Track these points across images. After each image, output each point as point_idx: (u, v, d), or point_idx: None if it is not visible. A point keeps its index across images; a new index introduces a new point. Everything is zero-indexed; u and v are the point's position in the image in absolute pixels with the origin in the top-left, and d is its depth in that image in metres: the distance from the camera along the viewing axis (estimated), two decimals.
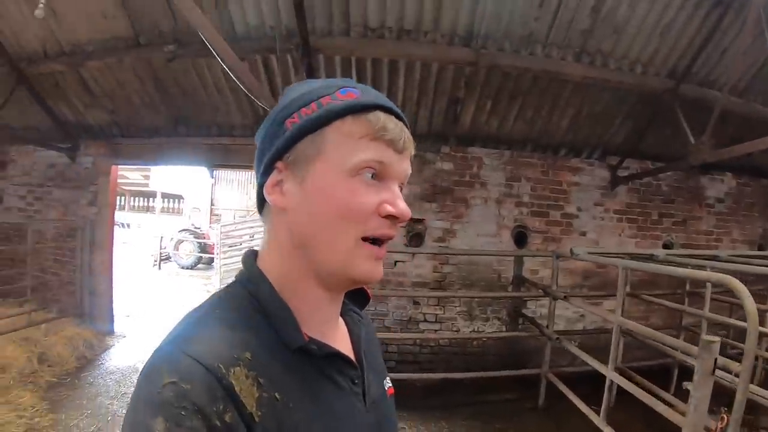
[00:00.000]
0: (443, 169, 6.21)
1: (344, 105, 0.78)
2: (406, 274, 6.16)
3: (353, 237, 0.77)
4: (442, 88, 5.58)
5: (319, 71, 5.59)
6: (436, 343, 6.12)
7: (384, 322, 6.15)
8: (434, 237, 6.18)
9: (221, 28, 5.47)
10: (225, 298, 0.80)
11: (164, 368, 0.65)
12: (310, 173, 0.78)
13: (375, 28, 5.09)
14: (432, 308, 6.17)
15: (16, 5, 5.64)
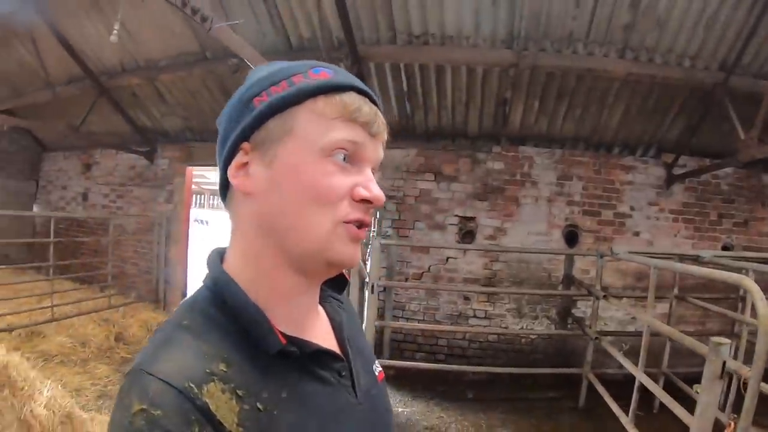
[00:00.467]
0: (494, 168, 6.34)
1: (317, 84, 0.75)
2: (457, 270, 6.36)
3: (328, 220, 0.74)
4: (489, 90, 5.73)
5: (371, 78, 5.90)
6: (484, 339, 6.26)
7: (435, 316, 6.38)
8: (485, 235, 6.32)
9: (279, 41, 5.92)
10: (192, 307, 0.76)
11: (134, 394, 0.63)
12: (280, 153, 0.74)
13: (419, 35, 5.34)
14: (482, 304, 6.32)
15: (95, 29, 6.32)
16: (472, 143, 6.43)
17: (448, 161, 6.49)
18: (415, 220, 6.57)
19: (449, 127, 6.39)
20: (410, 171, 6.64)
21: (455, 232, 6.39)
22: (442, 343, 6.36)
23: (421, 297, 6.45)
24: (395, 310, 6.54)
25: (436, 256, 6.44)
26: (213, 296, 0.76)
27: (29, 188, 10.61)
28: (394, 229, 6.64)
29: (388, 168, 6.70)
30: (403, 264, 6.58)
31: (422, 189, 6.58)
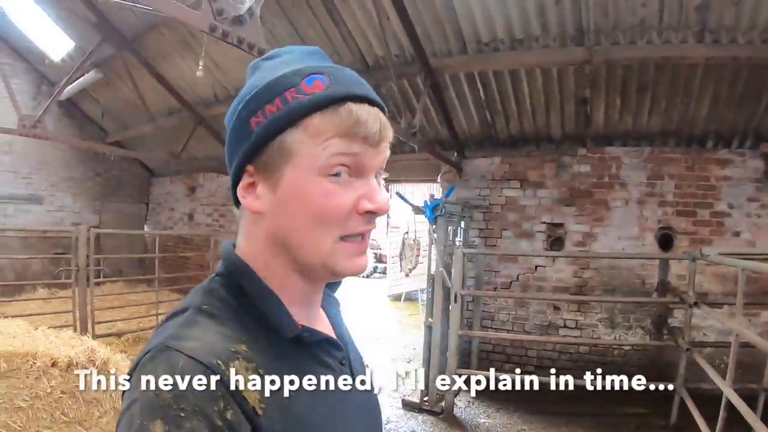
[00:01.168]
0: (581, 171, 6.22)
1: (310, 101, 0.75)
2: (546, 279, 6.30)
3: (333, 238, 0.77)
4: (567, 90, 5.66)
5: (447, 90, 6.07)
6: (575, 350, 6.10)
7: (524, 326, 6.35)
8: (574, 241, 6.21)
9: (355, 61, 6.23)
10: (210, 293, 0.80)
11: (160, 368, 0.65)
12: (281, 177, 0.77)
13: (488, 42, 5.40)
14: (572, 314, 6.19)
15: (187, 64, 6.95)
16: (556, 147, 6.36)
17: (533, 167, 6.47)
18: (503, 229, 6.61)
19: (532, 132, 6.38)
20: (495, 179, 6.70)
21: (543, 240, 6.36)
22: (532, 354, 6.31)
23: (510, 307, 6.45)
24: (484, 320, 6.58)
25: (524, 264, 6.43)
26: (229, 283, 0.80)
27: (140, 210, 12.09)
28: (482, 239, 6.73)
29: (473, 177, 6.82)
30: (491, 273, 6.64)
31: (508, 197, 6.61)
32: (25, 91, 9.91)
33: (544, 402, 5.47)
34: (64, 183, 10.81)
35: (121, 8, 6.86)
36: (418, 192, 15.70)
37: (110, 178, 11.55)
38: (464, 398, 5.83)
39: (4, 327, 4.23)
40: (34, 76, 10.24)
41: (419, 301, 10.68)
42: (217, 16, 3.05)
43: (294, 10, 5.93)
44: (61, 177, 10.77)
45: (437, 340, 5.58)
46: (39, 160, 10.35)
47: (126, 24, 7.42)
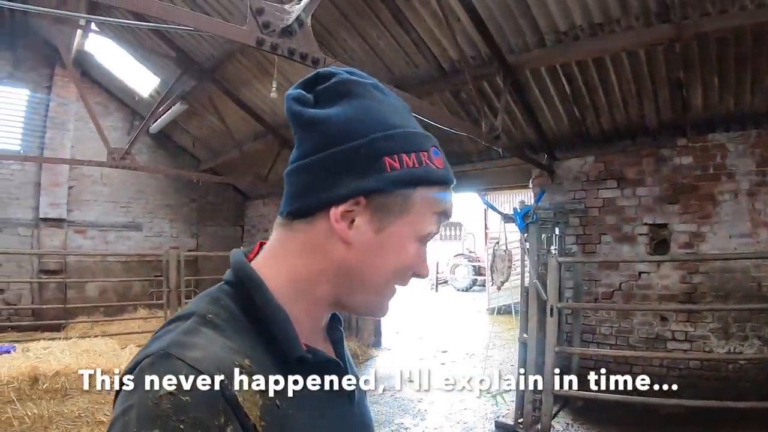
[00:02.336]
0: (682, 164, 5.79)
1: (438, 176, 0.84)
2: (651, 287, 5.90)
3: (394, 286, 0.87)
4: (658, 73, 5.30)
5: (530, 87, 5.89)
6: (685, 365, 5.63)
7: (629, 339, 5.98)
8: (680, 243, 5.77)
9: (431, 68, 6.24)
10: (216, 302, 0.80)
11: (161, 377, 0.65)
12: (392, 225, 0.81)
13: (566, 31, 5.16)
14: (681, 324, 5.71)
15: (266, 87, 7.20)
16: (653, 139, 5.98)
17: (630, 163, 6.13)
18: (601, 233, 6.30)
19: (625, 125, 6.05)
20: (590, 180, 6.42)
21: (646, 243, 5.98)
22: (637, 371, 5.82)
23: (613, 319, 6.10)
24: (584, 334, 6.28)
25: (626, 271, 6.08)
26: (237, 294, 0.81)
27: (236, 233, 12.87)
28: (579, 245, 6.46)
29: (566, 179, 6.58)
30: (591, 283, 6.34)
31: (605, 198, 6.30)
32: (120, 127, 10.95)
33: (650, 424, 5.24)
34: (162, 210, 11.72)
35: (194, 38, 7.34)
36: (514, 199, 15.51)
37: (205, 203, 12.37)
38: (563, 419, 5.61)
39: (93, 345, 4.64)
40: (127, 113, 11.19)
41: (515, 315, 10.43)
42: (264, 30, 3.12)
43: (362, 22, 6.01)
44: (158, 204, 11.67)
45: (532, 357, 5.38)
46: (136, 190, 11.30)
47: (203, 56, 7.89)
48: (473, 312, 14.63)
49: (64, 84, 9.93)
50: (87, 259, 10.47)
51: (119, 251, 10.87)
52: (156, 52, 8.21)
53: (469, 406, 6.34)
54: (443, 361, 8.71)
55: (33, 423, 3.85)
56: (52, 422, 3.90)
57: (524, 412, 5.37)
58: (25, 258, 9.71)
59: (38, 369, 3.98)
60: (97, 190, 10.77)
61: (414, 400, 6.59)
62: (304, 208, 0.83)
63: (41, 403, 3.91)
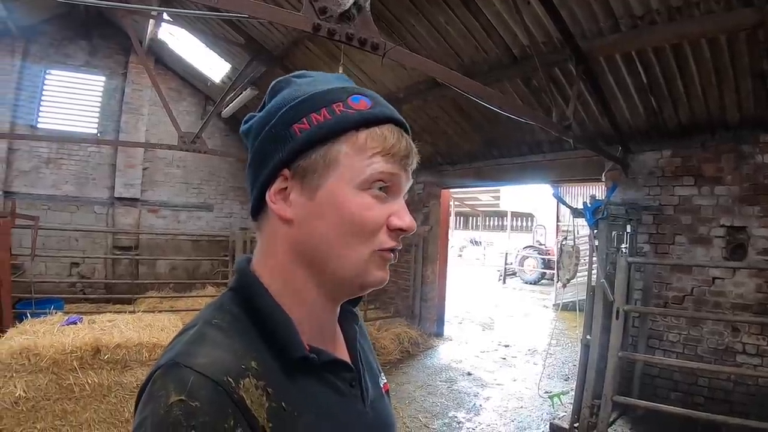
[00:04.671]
0: (765, 162, 5.34)
1: (359, 116, 0.81)
2: (724, 294, 5.49)
3: (367, 250, 0.81)
4: (740, 62, 4.88)
5: (605, 75, 5.61)
6: (754, 382, 5.16)
7: (696, 349, 5.61)
8: (758, 248, 5.32)
9: (502, 54, 6.05)
10: (221, 308, 0.82)
11: (170, 386, 0.67)
12: (321, 185, 0.80)
13: (642, 16, 4.85)
14: (753, 337, 5.28)
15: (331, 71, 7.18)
16: (734, 134, 5.57)
17: (708, 160, 5.72)
18: (675, 234, 5.94)
19: (704, 118, 5.65)
20: (666, 175, 6.06)
21: (722, 247, 5.57)
22: (702, 383, 5.49)
23: (682, 326, 5.74)
24: (651, 339, 5.95)
25: (699, 276, 5.69)
26: (240, 300, 0.83)
27: None
28: (651, 245, 6.12)
29: (641, 174, 6.26)
30: (661, 285, 5.98)
31: (681, 196, 5.93)
32: (193, 111, 11.47)
33: None
34: (233, 192, 12.18)
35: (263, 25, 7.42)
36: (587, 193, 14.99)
37: None
38: (620, 427, 5.39)
39: (155, 320, 4.83)
40: (200, 98, 11.65)
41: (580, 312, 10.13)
42: (320, 15, 3.04)
43: (430, 6, 5.87)
44: (229, 187, 12.14)
45: (594, 360, 5.14)
46: (208, 172, 11.81)
47: (273, 43, 7.98)
48: (539, 306, 14.38)
49: (139, 71, 10.38)
50: (158, 237, 10.91)
51: (190, 230, 11.33)
52: (227, 39, 8.38)
53: (526, 405, 6.22)
54: (504, 356, 8.55)
55: (92, 390, 4.05)
56: (110, 391, 4.12)
57: (581, 417, 5.15)
58: (100, 235, 10.25)
59: (101, 340, 4.17)
60: (171, 172, 11.25)
61: (470, 394, 6.53)
62: (254, 205, 0.87)
63: (102, 372, 4.11)
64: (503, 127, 7.04)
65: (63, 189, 9.97)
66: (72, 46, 10.05)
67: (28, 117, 9.67)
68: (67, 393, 3.99)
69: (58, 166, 9.97)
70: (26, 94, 9.64)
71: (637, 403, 5.13)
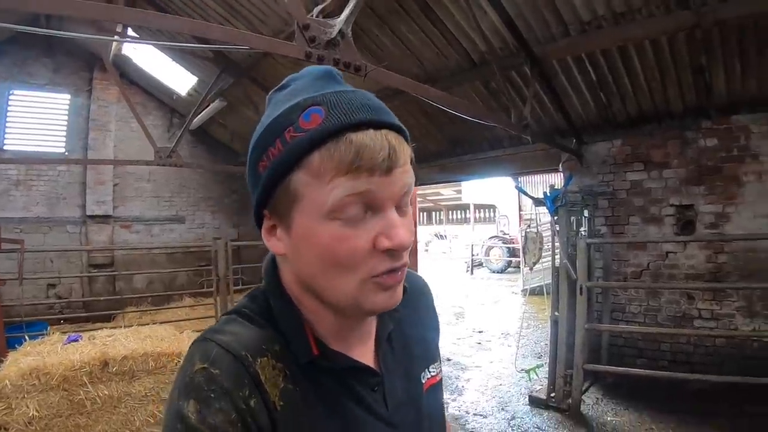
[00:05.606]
0: (707, 146, 5.97)
1: (308, 138, 0.74)
2: (677, 266, 6.14)
3: (356, 281, 0.77)
4: (681, 59, 5.48)
5: (557, 77, 6.17)
6: (711, 343, 5.83)
7: (656, 317, 6.23)
8: (705, 223, 5.97)
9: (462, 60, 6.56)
10: (254, 299, 0.90)
11: (197, 356, 0.76)
12: (292, 221, 0.79)
13: (590, 21, 5.39)
14: (707, 303, 5.92)
15: None
16: (679, 122, 6.20)
17: (656, 146, 6.37)
18: (629, 215, 6.57)
19: (651, 110, 6.28)
20: (617, 163, 6.69)
21: (673, 224, 6.23)
22: (665, 348, 6.15)
23: (641, 297, 6.38)
24: (614, 312, 6.58)
25: (653, 251, 6.35)
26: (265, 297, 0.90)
27: None
28: (608, 227, 6.74)
29: (595, 163, 6.86)
30: (620, 263, 6.62)
31: (633, 180, 6.56)
32: (160, 125, 11.52)
33: (677, 400, 5.46)
34: (203, 202, 12.30)
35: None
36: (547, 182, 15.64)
37: (245, 194, 12.54)
38: (593, 395, 5.92)
39: (153, 332, 5.08)
40: (166, 111, 11.75)
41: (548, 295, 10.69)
42: (310, 44, 3.49)
43: (393, 18, 6.31)
44: (200, 198, 12.26)
45: (563, 335, 5.72)
46: (179, 184, 11.89)
47: (241, 55, 8.26)
48: (508, 293, 14.96)
49: (103, 87, 10.47)
50: (134, 252, 11.03)
51: (164, 244, 11.46)
52: (193, 53, 8.60)
53: (505, 382, 6.71)
54: (479, 341, 9.09)
55: (104, 403, 4.24)
56: (121, 402, 4.33)
57: (556, 387, 5.73)
58: (74, 254, 10.25)
59: (108, 354, 4.36)
60: (141, 187, 11.31)
61: (452, 378, 6.98)
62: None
63: (111, 384, 4.31)
64: (466, 127, 7.44)
65: (34, 210, 9.97)
66: (35, 65, 10.04)
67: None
68: (79, 408, 4.18)
69: (28, 187, 9.97)
70: None
71: (605, 369, 5.76)
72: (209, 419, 0.70)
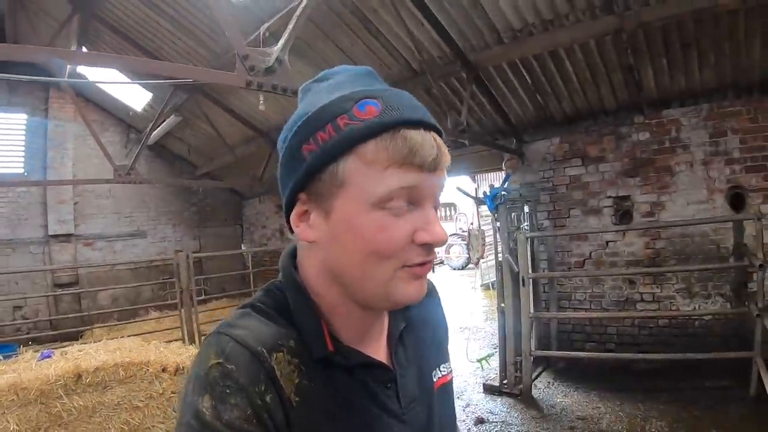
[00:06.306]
0: (640, 140, 6.18)
1: (365, 128, 0.74)
2: (618, 254, 6.34)
3: (391, 270, 0.77)
4: (610, 60, 5.66)
5: (494, 80, 6.34)
6: (654, 324, 6.05)
7: (601, 303, 6.43)
8: (642, 212, 6.18)
9: (403, 69, 6.66)
10: (268, 293, 0.87)
11: (212, 351, 0.74)
12: (335, 207, 0.77)
13: (521, 29, 5.55)
14: (648, 287, 6.12)
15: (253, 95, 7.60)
16: (613, 118, 6.40)
17: (592, 142, 6.57)
18: (570, 208, 6.77)
19: (586, 108, 6.48)
20: (557, 159, 6.89)
21: (611, 215, 6.42)
22: (611, 332, 6.34)
23: (586, 285, 6.57)
24: (561, 300, 6.76)
25: (594, 241, 6.55)
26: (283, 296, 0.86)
27: (236, 232, 13.57)
28: (551, 220, 6.93)
29: (535, 161, 7.05)
30: (564, 254, 6.82)
31: (572, 176, 6.77)
32: (117, 141, 11.47)
33: (623, 380, 5.64)
34: (164, 216, 12.27)
35: (183, 58, 7.79)
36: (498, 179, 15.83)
37: (205, 206, 12.96)
38: (545, 380, 6.08)
39: (121, 344, 5.14)
40: (123, 127, 11.69)
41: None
42: (250, 72, 3.57)
43: (335, 31, 6.42)
44: (160, 212, 12.22)
45: (510, 324, 5.86)
46: (138, 200, 11.85)
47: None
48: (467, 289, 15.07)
49: (60, 105, 10.37)
50: (97, 269, 10.90)
51: (127, 259, 11.36)
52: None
53: (461, 373, 6.77)
54: None
55: (79, 414, 4.26)
56: (95, 411, 4.35)
57: (507, 374, 5.88)
58: (38, 274, 10.11)
59: (80, 366, 4.43)
60: (101, 204, 11.24)
61: None
62: (288, 224, 0.85)
63: (85, 395, 4.33)
64: None
65: None
66: None
67: None
68: (57, 419, 4.23)
69: None
70: None
71: (553, 354, 5.93)
72: (224, 415, 0.69)
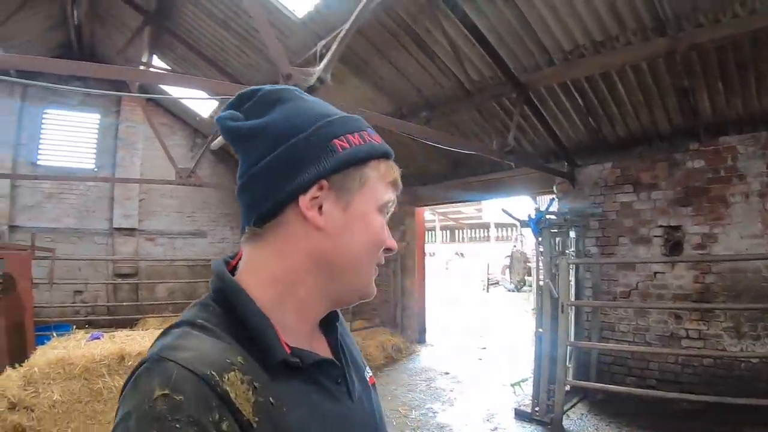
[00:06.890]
0: (694, 167, 5.86)
1: (381, 148, 0.90)
2: (666, 286, 6.01)
3: (373, 264, 0.90)
4: (663, 82, 5.43)
5: (545, 102, 6.22)
6: (699, 363, 5.64)
7: (645, 336, 6.10)
8: (693, 244, 5.84)
9: (456, 87, 6.58)
10: (205, 307, 0.81)
11: (155, 381, 0.65)
12: (355, 201, 0.86)
13: (571, 50, 5.42)
14: (695, 323, 5.76)
15: None
16: (668, 144, 6.11)
17: (645, 169, 6.29)
18: (619, 236, 6.48)
19: (639, 132, 6.23)
20: (608, 185, 6.63)
21: (661, 245, 6.10)
22: (653, 367, 5.98)
23: (630, 317, 6.25)
24: (603, 331, 6.46)
25: (642, 271, 6.23)
26: (223, 302, 0.81)
27: None
28: (599, 247, 6.65)
29: (586, 185, 6.79)
30: (609, 282, 6.51)
31: (622, 202, 6.49)
32: (183, 145, 11.79)
33: (661, 418, 5.33)
34: (224, 218, 12.49)
35: (244, 67, 7.93)
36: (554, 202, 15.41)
37: None
38: (579, 411, 5.83)
39: None
40: (189, 132, 12.01)
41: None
42: None
43: (392, 52, 6.48)
44: (221, 213, 12.45)
45: (546, 350, 5.66)
46: (200, 201, 12.13)
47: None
48: (519, 311, 14.78)
49: (131, 108, 10.78)
50: (157, 263, 11.26)
51: (186, 256, 11.69)
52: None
53: (496, 395, 6.64)
54: (481, 357, 8.99)
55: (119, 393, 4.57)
56: None
57: (539, 401, 5.65)
58: (101, 263, 10.53)
59: (125, 350, 4.78)
60: (165, 203, 11.57)
61: (446, 390, 6.98)
62: (273, 207, 0.83)
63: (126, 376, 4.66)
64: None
65: (65, 222, 10.26)
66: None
67: (30, 155, 9.98)
68: (97, 396, 4.56)
69: (59, 200, 10.28)
70: (27, 133, 9.95)
71: (589, 385, 5.64)
72: None
